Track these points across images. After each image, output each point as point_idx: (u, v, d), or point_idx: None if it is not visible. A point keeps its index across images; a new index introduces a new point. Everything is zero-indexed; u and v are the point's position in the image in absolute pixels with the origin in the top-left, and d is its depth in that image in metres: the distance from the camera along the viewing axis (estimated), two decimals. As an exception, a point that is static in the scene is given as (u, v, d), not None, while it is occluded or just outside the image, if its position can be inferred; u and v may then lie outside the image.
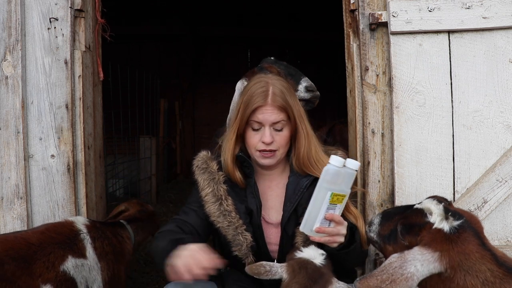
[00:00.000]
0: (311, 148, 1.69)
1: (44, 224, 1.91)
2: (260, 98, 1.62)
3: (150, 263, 3.52)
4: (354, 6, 2.05)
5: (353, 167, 1.49)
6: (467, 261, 1.21)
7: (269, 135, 1.63)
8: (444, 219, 1.25)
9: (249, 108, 1.63)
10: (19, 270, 1.62)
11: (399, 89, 1.96)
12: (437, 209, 1.28)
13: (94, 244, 1.92)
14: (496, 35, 1.93)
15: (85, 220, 1.99)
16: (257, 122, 1.64)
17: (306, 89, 2.23)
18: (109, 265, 1.96)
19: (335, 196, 1.46)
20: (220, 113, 3.58)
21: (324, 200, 1.45)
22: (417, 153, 1.96)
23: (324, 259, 1.41)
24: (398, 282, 1.19)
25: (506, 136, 1.94)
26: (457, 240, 1.22)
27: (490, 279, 1.19)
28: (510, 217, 1.95)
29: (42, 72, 2.04)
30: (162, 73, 7.62)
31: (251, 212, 1.69)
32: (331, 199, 1.46)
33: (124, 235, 2.20)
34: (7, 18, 2.00)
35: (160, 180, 6.45)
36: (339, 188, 1.47)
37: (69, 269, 1.77)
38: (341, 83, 2.52)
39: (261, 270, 1.42)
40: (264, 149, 1.64)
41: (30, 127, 2.04)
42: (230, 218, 1.66)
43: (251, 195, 1.71)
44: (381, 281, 1.20)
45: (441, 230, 1.24)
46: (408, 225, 1.33)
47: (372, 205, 2.02)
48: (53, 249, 1.76)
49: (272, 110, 1.63)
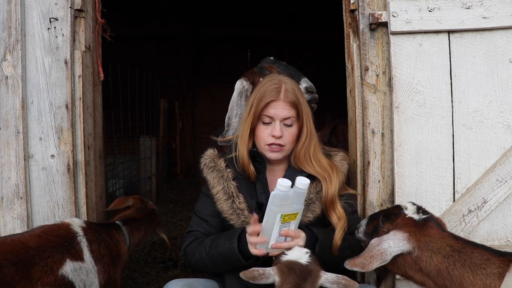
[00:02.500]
0: (310, 146, 1.76)
1: (40, 226, 1.87)
2: (274, 93, 1.71)
3: (150, 263, 3.52)
4: (354, 6, 2.04)
5: (302, 187, 1.52)
6: (431, 242, 1.49)
7: (279, 129, 1.70)
8: (416, 213, 1.57)
9: (262, 102, 1.70)
10: (18, 274, 1.59)
11: (399, 89, 1.96)
12: (411, 206, 1.59)
13: (90, 247, 1.89)
14: (496, 35, 1.93)
15: (81, 222, 1.97)
16: (269, 117, 1.71)
17: (306, 90, 2.23)
18: (105, 268, 1.94)
19: (286, 216, 1.53)
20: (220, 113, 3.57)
21: (275, 222, 1.53)
22: (417, 153, 1.96)
23: (309, 256, 1.48)
24: (375, 257, 1.48)
25: (506, 136, 1.94)
26: (423, 226, 1.52)
27: (449, 253, 1.46)
28: (510, 217, 1.95)
29: (42, 72, 2.04)
30: (162, 73, 7.62)
31: (262, 206, 1.71)
32: (282, 220, 1.53)
33: (120, 238, 2.17)
34: (7, 18, 1.99)
35: (160, 180, 6.45)
36: (289, 209, 1.52)
37: (67, 273, 1.74)
38: (341, 83, 2.52)
39: (255, 274, 1.46)
40: (273, 143, 1.71)
41: (30, 127, 2.04)
42: (244, 216, 1.71)
43: (261, 190, 1.77)
44: (363, 258, 1.49)
45: (411, 218, 1.55)
46: (387, 214, 1.62)
47: (372, 205, 2.02)
48: (51, 253, 1.73)
49: (284, 106, 1.70)
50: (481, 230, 1.94)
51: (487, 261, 1.41)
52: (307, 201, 1.71)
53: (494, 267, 1.39)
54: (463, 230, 1.91)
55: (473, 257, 1.44)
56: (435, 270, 1.47)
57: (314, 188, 1.74)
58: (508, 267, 1.37)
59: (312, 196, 1.74)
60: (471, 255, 1.44)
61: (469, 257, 1.44)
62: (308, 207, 1.72)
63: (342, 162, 1.82)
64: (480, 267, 1.41)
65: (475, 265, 1.42)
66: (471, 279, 1.41)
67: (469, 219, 1.92)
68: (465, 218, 1.92)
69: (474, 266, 1.42)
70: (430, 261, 1.47)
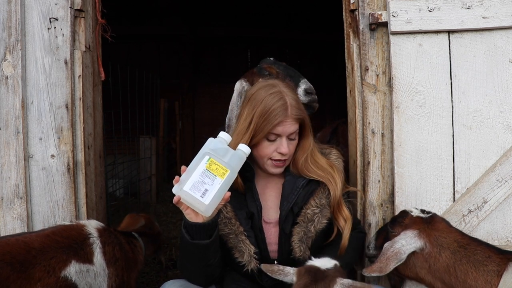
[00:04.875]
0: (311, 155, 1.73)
1: (53, 226, 1.85)
2: (282, 113, 1.62)
3: (150, 263, 3.52)
4: (354, 6, 2.04)
5: (245, 150, 1.48)
6: (440, 236, 1.55)
7: (286, 147, 1.65)
8: (421, 213, 1.65)
9: (270, 123, 1.62)
10: (14, 274, 1.57)
11: (399, 89, 1.96)
12: (415, 209, 1.67)
13: (103, 249, 1.86)
14: (496, 35, 1.93)
15: (98, 224, 1.94)
16: (275, 134, 1.65)
17: (305, 92, 2.22)
18: (117, 271, 1.89)
19: (213, 164, 1.41)
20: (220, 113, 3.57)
21: (200, 163, 1.42)
22: (417, 153, 1.96)
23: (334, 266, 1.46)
24: (390, 258, 1.53)
25: (506, 136, 1.94)
26: (431, 222, 1.60)
27: (457, 248, 1.52)
28: (510, 217, 1.95)
29: (42, 72, 2.04)
30: (162, 73, 7.61)
31: (253, 215, 1.69)
32: (208, 165, 1.41)
33: (138, 244, 2.17)
34: (7, 18, 2.00)
35: (160, 180, 6.45)
36: (220, 160, 1.42)
37: (71, 275, 1.71)
38: (341, 83, 2.51)
39: (274, 269, 1.51)
40: (279, 159, 1.68)
41: (30, 127, 2.04)
42: (231, 225, 1.66)
43: (251, 199, 1.71)
44: (380, 262, 1.53)
45: (419, 216, 1.63)
46: (394, 219, 1.69)
47: (372, 205, 2.02)
48: (56, 254, 1.70)
49: (291, 122, 1.65)
50: (481, 230, 1.94)
51: (488, 259, 1.48)
52: (319, 207, 1.69)
53: (494, 264, 1.47)
54: (463, 230, 1.90)
55: (476, 253, 1.50)
56: (444, 266, 1.51)
57: (322, 193, 1.72)
58: (506, 265, 1.44)
59: (324, 202, 1.71)
60: (475, 252, 1.51)
61: (473, 254, 1.50)
62: (322, 212, 1.69)
63: (338, 160, 1.80)
64: (482, 264, 1.48)
65: (478, 262, 1.48)
66: (474, 275, 1.47)
67: (469, 219, 1.92)
68: (465, 218, 1.92)
69: (477, 262, 1.48)
70: (439, 257, 1.52)
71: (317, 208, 1.69)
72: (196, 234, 1.48)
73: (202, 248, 1.50)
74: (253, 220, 1.69)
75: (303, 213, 1.69)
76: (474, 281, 1.46)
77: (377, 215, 2.02)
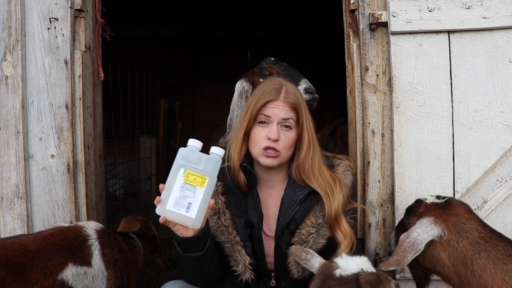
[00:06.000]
0: (315, 156, 1.64)
1: (51, 228, 1.83)
2: (273, 92, 1.60)
3: (150, 263, 3.52)
4: (354, 6, 2.04)
5: (218, 152, 1.41)
6: (459, 222, 1.46)
7: (276, 132, 1.57)
8: (436, 199, 1.56)
9: (260, 102, 1.59)
10: (10, 276, 1.55)
11: (399, 89, 1.96)
12: (430, 196, 1.59)
13: (102, 251, 1.83)
14: (496, 35, 1.93)
15: (96, 225, 1.92)
16: (266, 116, 1.59)
17: (306, 91, 2.23)
18: (117, 273, 1.87)
19: (190, 175, 1.37)
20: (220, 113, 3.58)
21: (177, 177, 1.37)
22: (417, 153, 1.96)
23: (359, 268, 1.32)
24: (407, 249, 1.45)
25: (506, 136, 1.94)
26: (447, 206, 1.50)
27: (477, 239, 1.42)
28: (510, 217, 1.95)
29: (42, 72, 2.04)
30: (162, 73, 7.61)
31: (252, 224, 1.64)
32: (185, 177, 1.37)
33: (136, 245, 2.17)
34: (7, 18, 1.99)
35: (160, 180, 6.43)
36: (196, 169, 1.37)
37: (67, 278, 1.69)
38: (341, 83, 2.52)
39: (302, 256, 1.46)
40: (268, 146, 1.58)
41: (30, 127, 2.04)
42: (227, 234, 1.62)
43: (252, 207, 1.65)
44: (397, 255, 1.45)
45: (434, 202, 1.55)
46: (409, 209, 1.62)
47: (372, 205, 2.02)
48: (52, 256, 1.68)
49: (283, 106, 1.59)
50: (481, 230, 1.94)
51: (509, 257, 1.39)
52: (315, 226, 1.61)
53: None
54: (463, 230, 1.91)
55: (497, 250, 1.40)
56: (461, 257, 1.43)
57: (320, 211, 1.63)
58: None
59: (320, 221, 1.62)
60: (496, 248, 1.41)
61: (494, 249, 1.41)
62: (318, 232, 1.61)
63: (346, 173, 1.69)
64: (501, 262, 1.38)
65: (498, 259, 1.39)
66: (492, 272, 1.38)
67: (469, 219, 1.92)
68: (465, 218, 1.92)
69: (496, 259, 1.39)
70: (457, 246, 1.43)
71: (312, 228, 1.61)
72: (188, 247, 1.46)
73: (195, 260, 1.48)
74: (253, 229, 1.64)
75: (297, 233, 1.62)
76: (491, 278, 1.37)
77: (377, 215, 2.02)
